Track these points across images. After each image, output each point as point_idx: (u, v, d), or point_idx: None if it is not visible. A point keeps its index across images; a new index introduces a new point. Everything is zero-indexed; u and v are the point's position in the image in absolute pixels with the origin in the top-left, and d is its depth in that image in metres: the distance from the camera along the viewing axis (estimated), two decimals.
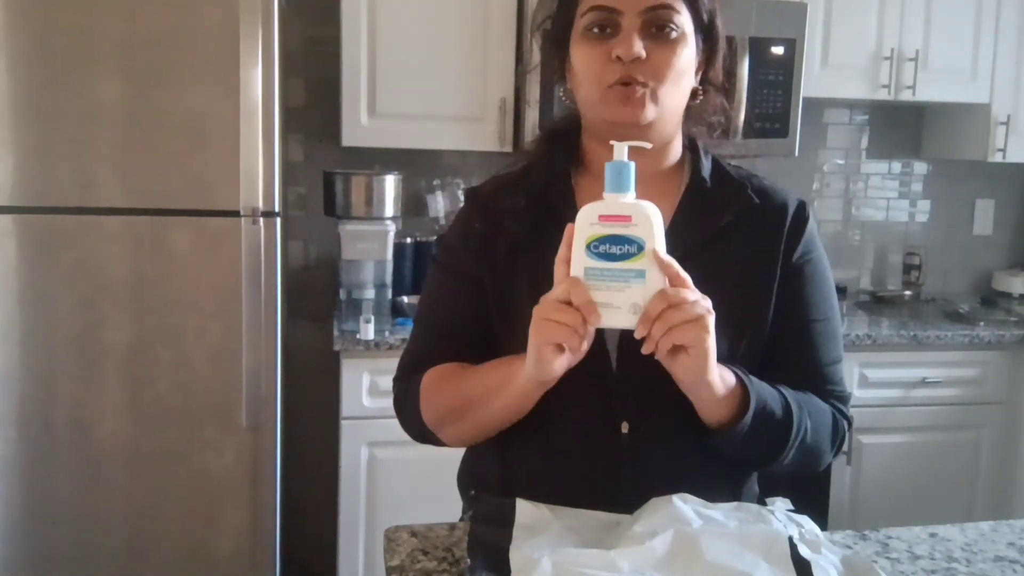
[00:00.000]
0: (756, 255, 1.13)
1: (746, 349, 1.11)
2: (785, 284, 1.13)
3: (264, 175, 2.20)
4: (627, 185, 0.93)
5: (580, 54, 1.09)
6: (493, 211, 1.15)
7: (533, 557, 0.91)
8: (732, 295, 1.09)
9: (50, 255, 2.19)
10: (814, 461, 1.15)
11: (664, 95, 1.07)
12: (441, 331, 1.17)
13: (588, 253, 0.92)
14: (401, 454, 2.36)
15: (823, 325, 1.16)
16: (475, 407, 1.10)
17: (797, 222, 1.15)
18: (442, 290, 1.21)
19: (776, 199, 1.16)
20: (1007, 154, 2.99)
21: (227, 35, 2.14)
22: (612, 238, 0.92)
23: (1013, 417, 2.88)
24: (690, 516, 1.00)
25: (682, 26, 1.07)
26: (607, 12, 1.05)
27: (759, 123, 2.73)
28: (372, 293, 2.65)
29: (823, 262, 1.18)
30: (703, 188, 1.14)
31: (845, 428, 1.17)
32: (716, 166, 1.17)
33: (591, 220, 0.93)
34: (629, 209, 0.92)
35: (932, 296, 3.29)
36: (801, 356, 1.15)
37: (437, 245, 1.26)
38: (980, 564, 1.07)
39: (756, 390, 1.04)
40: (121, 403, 2.24)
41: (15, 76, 2.12)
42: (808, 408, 1.11)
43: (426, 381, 1.16)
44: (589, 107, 1.11)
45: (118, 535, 2.29)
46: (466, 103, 2.65)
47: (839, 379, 1.18)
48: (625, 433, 1.08)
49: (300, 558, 2.82)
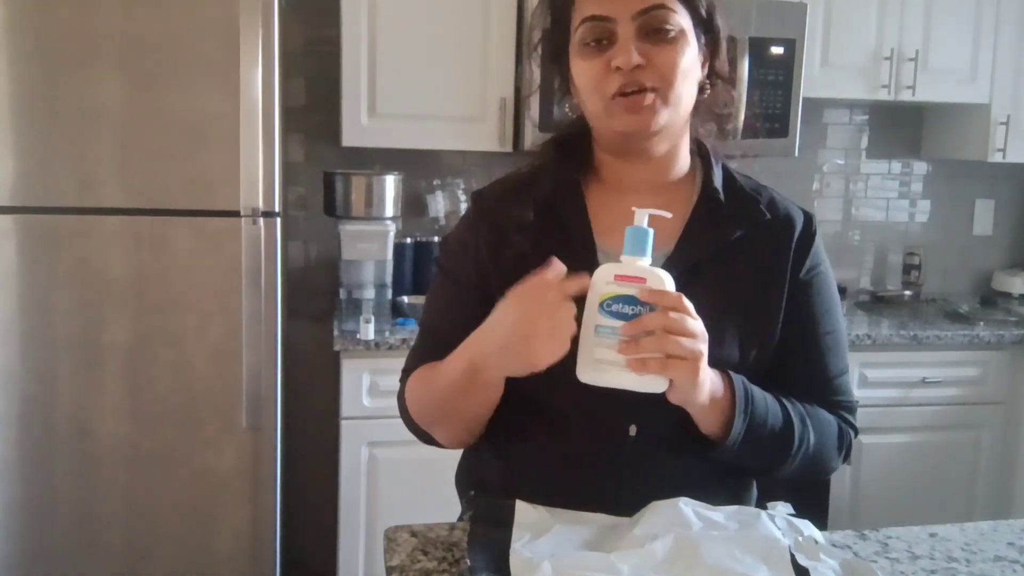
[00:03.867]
0: (765, 268, 1.13)
1: (755, 361, 1.11)
2: (793, 298, 1.13)
3: (264, 175, 2.20)
4: (644, 250, 0.95)
5: (579, 68, 1.08)
6: (498, 219, 1.14)
7: (533, 560, 0.92)
8: (742, 307, 1.10)
9: (50, 255, 2.19)
10: (820, 469, 1.15)
11: (673, 97, 1.06)
12: (440, 336, 1.17)
13: (601, 311, 0.94)
14: (401, 454, 2.36)
15: (830, 338, 1.16)
16: (450, 408, 1.10)
17: (805, 236, 1.15)
18: (442, 295, 1.21)
19: (784, 213, 1.16)
20: (1007, 154, 2.99)
21: (227, 35, 2.14)
22: (626, 298, 0.93)
23: (1013, 417, 2.88)
24: (690, 519, 1.00)
25: (680, 24, 1.05)
26: (600, 22, 1.04)
27: (759, 123, 2.73)
28: (372, 293, 2.65)
29: (829, 276, 1.18)
30: (715, 199, 1.13)
31: (852, 437, 1.17)
32: (727, 176, 1.17)
33: (607, 279, 0.95)
34: (645, 273, 0.94)
35: (932, 296, 3.30)
36: (808, 368, 1.15)
37: (440, 248, 1.25)
38: (980, 564, 1.07)
39: (751, 405, 1.04)
40: (121, 403, 2.25)
41: (15, 76, 2.12)
42: (812, 420, 1.11)
43: (409, 386, 1.17)
44: (596, 120, 1.11)
45: (118, 535, 2.29)
46: (466, 103, 2.65)
47: (846, 390, 1.18)
48: (632, 436, 1.08)
49: (300, 558, 2.82)
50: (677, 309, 0.93)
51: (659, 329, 0.92)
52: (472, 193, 1.22)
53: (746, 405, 1.04)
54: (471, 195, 1.22)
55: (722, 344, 1.03)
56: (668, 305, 0.93)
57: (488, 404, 1.08)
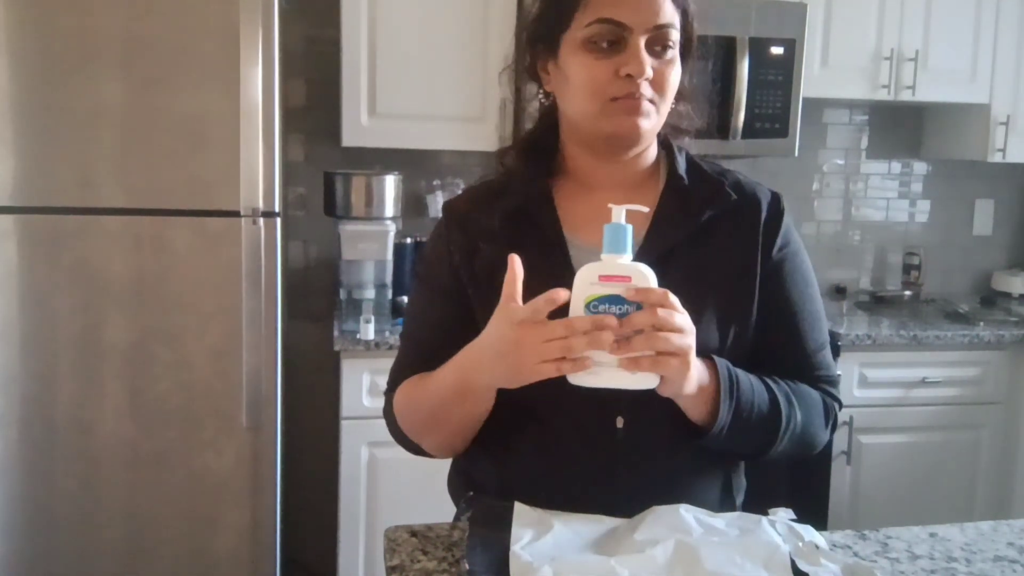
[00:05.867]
0: (737, 250, 1.15)
1: (733, 341, 1.12)
2: (767, 278, 1.15)
3: (264, 175, 2.20)
4: (625, 247, 0.95)
5: (581, 64, 1.08)
6: (468, 228, 1.16)
7: (533, 564, 0.92)
8: (717, 290, 1.12)
9: (50, 255, 2.19)
10: (808, 446, 1.17)
11: (664, 110, 1.10)
12: (423, 346, 1.18)
13: (587, 312, 0.93)
14: (401, 454, 2.33)
15: (806, 314, 1.18)
16: (441, 419, 1.12)
17: (773, 215, 1.17)
18: (423, 305, 1.22)
19: (751, 194, 1.18)
20: (1007, 154, 2.99)
21: (227, 35, 2.14)
22: (611, 298, 0.93)
23: (1013, 417, 2.88)
24: (691, 525, 1.00)
25: (677, 43, 1.09)
26: (616, 26, 1.05)
27: (759, 123, 2.73)
28: (372, 293, 2.65)
29: (801, 252, 1.20)
30: (681, 186, 1.16)
31: (836, 410, 1.19)
32: (691, 163, 1.19)
33: (591, 280, 0.93)
34: (628, 270, 0.94)
35: (932, 296, 3.30)
36: (788, 346, 1.17)
37: (418, 259, 1.27)
38: (980, 564, 1.07)
39: (736, 390, 1.05)
40: (121, 403, 2.25)
41: (16, 76, 2.12)
42: (798, 399, 1.13)
43: (397, 398, 1.18)
44: (584, 118, 1.11)
45: (118, 535, 2.29)
46: (466, 103, 2.65)
47: (827, 364, 1.20)
48: (620, 427, 1.09)
49: (300, 558, 2.82)
50: (664, 305, 0.93)
51: (649, 327, 0.92)
52: (443, 204, 1.23)
53: (731, 390, 1.05)
54: (443, 205, 1.24)
55: (701, 328, 1.03)
56: (655, 302, 0.93)
57: (480, 413, 1.09)
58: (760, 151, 2.80)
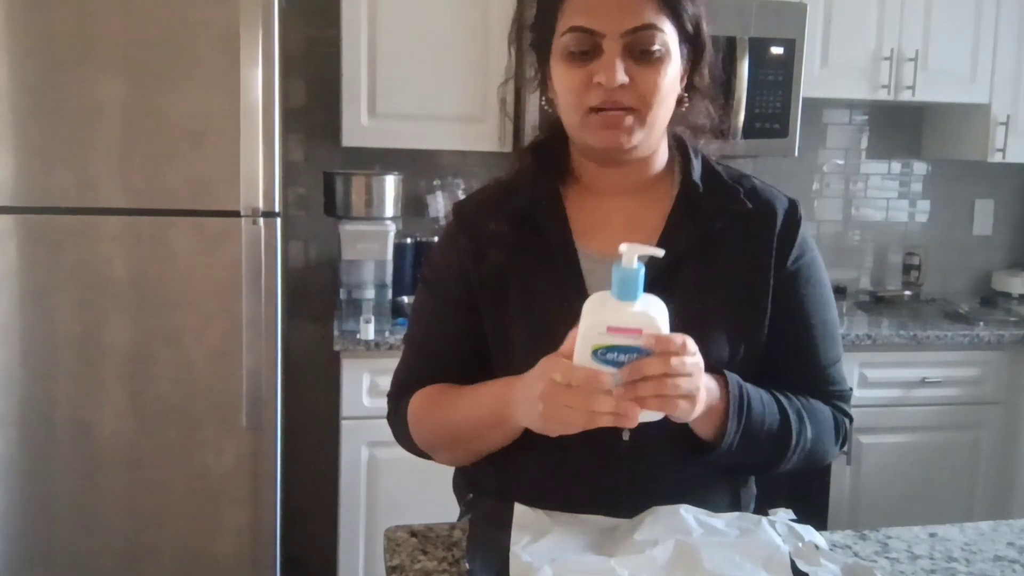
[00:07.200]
0: (750, 259, 1.11)
1: (744, 354, 1.10)
2: (781, 289, 1.12)
3: (264, 175, 2.20)
4: (635, 294, 0.89)
5: (560, 74, 1.06)
6: (477, 231, 1.14)
7: (533, 564, 0.92)
8: (728, 300, 1.09)
9: (50, 255, 2.19)
10: (817, 461, 1.15)
11: (650, 118, 1.05)
12: (429, 352, 1.17)
13: (594, 359, 0.89)
14: (401, 454, 2.33)
15: (821, 328, 1.14)
16: (466, 440, 1.11)
17: (789, 224, 1.13)
18: (428, 311, 1.20)
19: (767, 201, 1.13)
20: (1007, 154, 2.99)
21: (227, 35, 2.14)
22: (620, 348, 0.89)
23: (1013, 417, 2.88)
24: (691, 525, 1.00)
25: (666, 44, 1.03)
26: (587, 34, 1.02)
27: (759, 123, 2.73)
28: (372, 293, 2.65)
29: (817, 262, 1.16)
30: (695, 193, 1.11)
31: (847, 425, 1.17)
32: (707, 168, 1.15)
33: (599, 330, 0.89)
34: (638, 321, 0.89)
35: (932, 296, 3.29)
36: (801, 359, 1.14)
37: (424, 263, 1.25)
38: (980, 564, 1.07)
39: (746, 408, 1.03)
40: (121, 403, 2.24)
41: (15, 76, 2.12)
42: (809, 415, 1.11)
43: (413, 407, 1.16)
44: (570, 128, 1.09)
45: (118, 535, 2.29)
46: (466, 103, 2.65)
47: (840, 379, 1.18)
48: (626, 440, 1.07)
49: (300, 558, 2.82)
50: (678, 354, 0.89)
51: (659, 374, 0.89)
52: (453, 205, 1.21)
53: (740, 409, 1.03)
54: (452, 207, 1.22)
55: (709, 342, 1.01)
56: (669, 351, 0.89)
57: (507, 441, 1.08)
58: (760, 151, 2.80)
